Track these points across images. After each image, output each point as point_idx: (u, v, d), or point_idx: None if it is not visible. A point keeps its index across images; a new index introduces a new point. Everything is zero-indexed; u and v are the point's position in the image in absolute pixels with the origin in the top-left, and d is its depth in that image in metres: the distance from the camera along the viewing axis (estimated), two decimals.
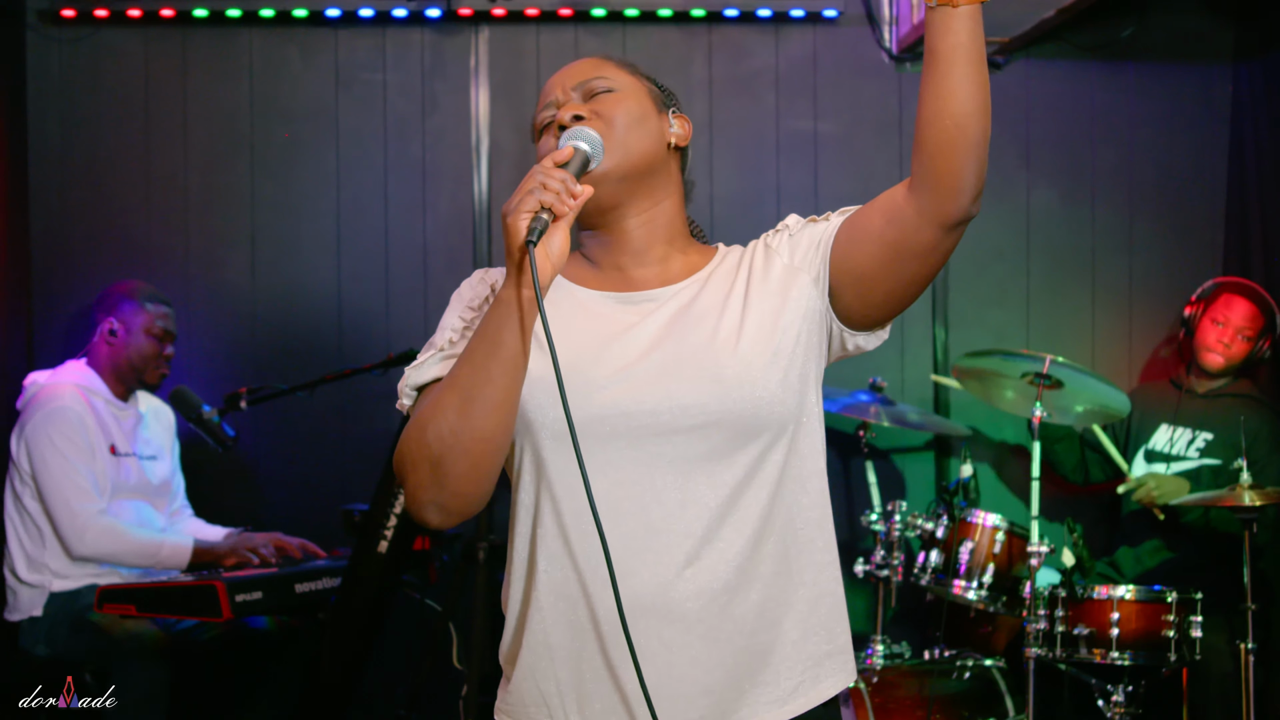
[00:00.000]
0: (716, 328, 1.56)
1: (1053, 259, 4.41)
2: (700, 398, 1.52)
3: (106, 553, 3.48)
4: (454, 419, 1.45)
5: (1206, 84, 4.43)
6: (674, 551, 1.51)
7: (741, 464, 1.53)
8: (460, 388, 1.46)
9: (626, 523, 1.51)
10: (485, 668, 3.35)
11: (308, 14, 4.23)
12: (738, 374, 1.52)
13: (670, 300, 1.61)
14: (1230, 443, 3.70)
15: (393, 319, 4.29)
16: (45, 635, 3.50)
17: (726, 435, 1.52)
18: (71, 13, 4.17)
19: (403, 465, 1.51)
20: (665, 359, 1.55)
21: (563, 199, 1.42)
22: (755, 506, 1.54)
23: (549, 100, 1.65)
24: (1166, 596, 3.36)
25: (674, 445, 1.52)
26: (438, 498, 1.49)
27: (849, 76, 4.35)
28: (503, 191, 4.31)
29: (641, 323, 1.59)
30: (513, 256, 1.43)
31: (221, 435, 3.77)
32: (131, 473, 3.67)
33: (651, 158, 1.63)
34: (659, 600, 1.51)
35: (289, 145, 4.30)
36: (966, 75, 1.47)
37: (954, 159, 1.47)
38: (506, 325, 1.44)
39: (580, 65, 1.67)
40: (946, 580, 3.61)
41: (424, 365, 1.58)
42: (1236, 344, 3.89)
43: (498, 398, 1.46)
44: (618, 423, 1.52)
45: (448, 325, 1.61)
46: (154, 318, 3.72)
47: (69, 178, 4.25)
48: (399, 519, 3.44)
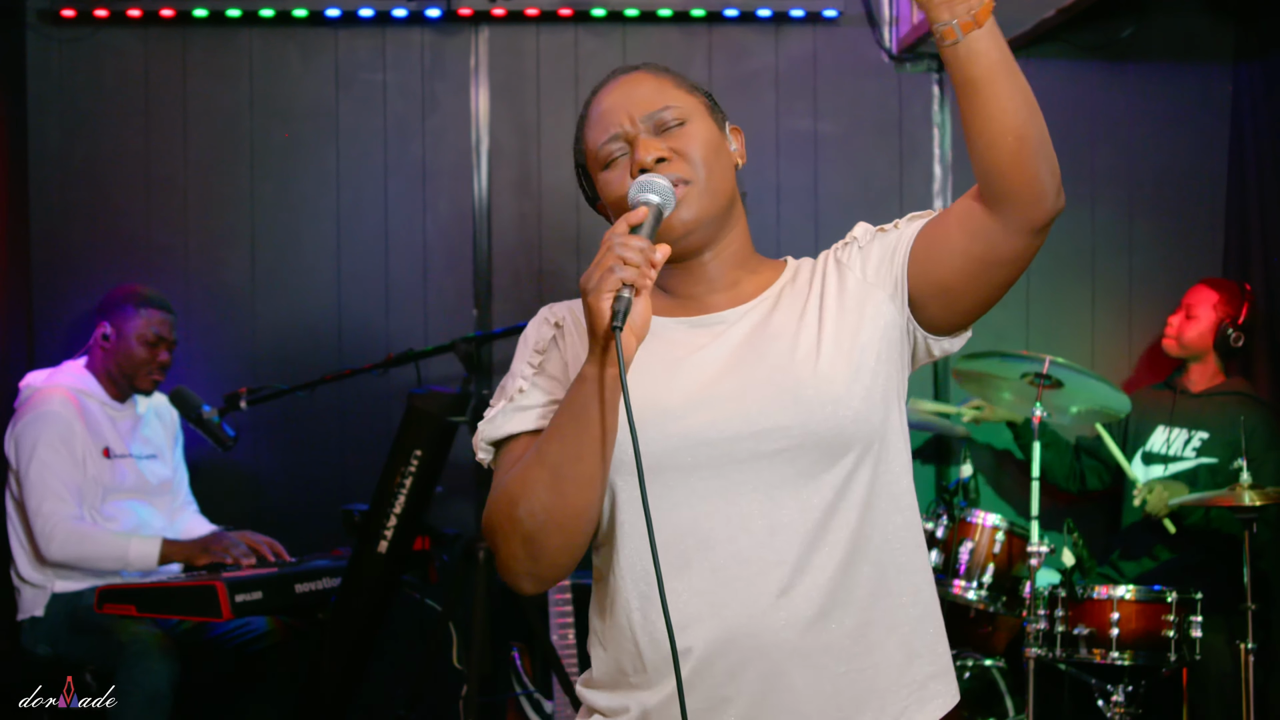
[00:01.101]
0: (794, 346, 1.53)
1: (1053, 259, 4.40)
2: (781, 420, 1.48)
3: (74, 556, 3.46)
4: (546, 497, 1.44)
5: (1206, 84, 4.42)
6: (766, 580, 1.48)
7: (829, 485, 1.50)
8: (549, 465, 1.44)
9: (716, 554, 1.48)
10: (485, 668, 3.35)
11: (308, 14, 4.23)
12: (819, 393, 1.49)
13: (741, 320, 1.57)
14: (1226, 441, 3.70)
15: (393, 319, 4.29)
16: (47, 635, 3.50)
17: (811, 457, 1.49)
18: (71, 13, 4.17)
19: (494, 537, 1.49)
20: (741, 381, 1.51)
21: (644, 273, 1.38)
22: (845, 529, 1.50)
23: (615, 131, 1.57)
24: (1166, 596, 3.36)
25: (758, 471, 1.49)
26: (533, 570, 1.48)
27: (849, 76, 4.35)
28: (503, 191, 4.31)
29: (713, 344, 1.55)
30: (596, 337, 1.39)
31: (221, 435, 3.76)
32: (128, 474, 3.67)
33: (730, 191, 1.58)
34: (753, 632, 1.47)
35: (289, 145, 4.30)
36: (1012, 87, 1.46)
37: (1027, 169, 1.46)
38: (592, 403, 1.42)
39: (642, 89, 1.58)
40: (946, 580, 3.61)
41: (496, 419, 1.56)
42: (1187, 326, 3.91)
43: (588, 473, 1.44)
44: (699, 452, 1.49)
45: (517, 373, 1.58)
46: (148, 324, 3.70)
47: (69, 178, 4.25)
48: (399, 519, 3.44)
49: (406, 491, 3.44)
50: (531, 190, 4.32)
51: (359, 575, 3.49)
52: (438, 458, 3.50)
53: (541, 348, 1.59)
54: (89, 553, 3.46)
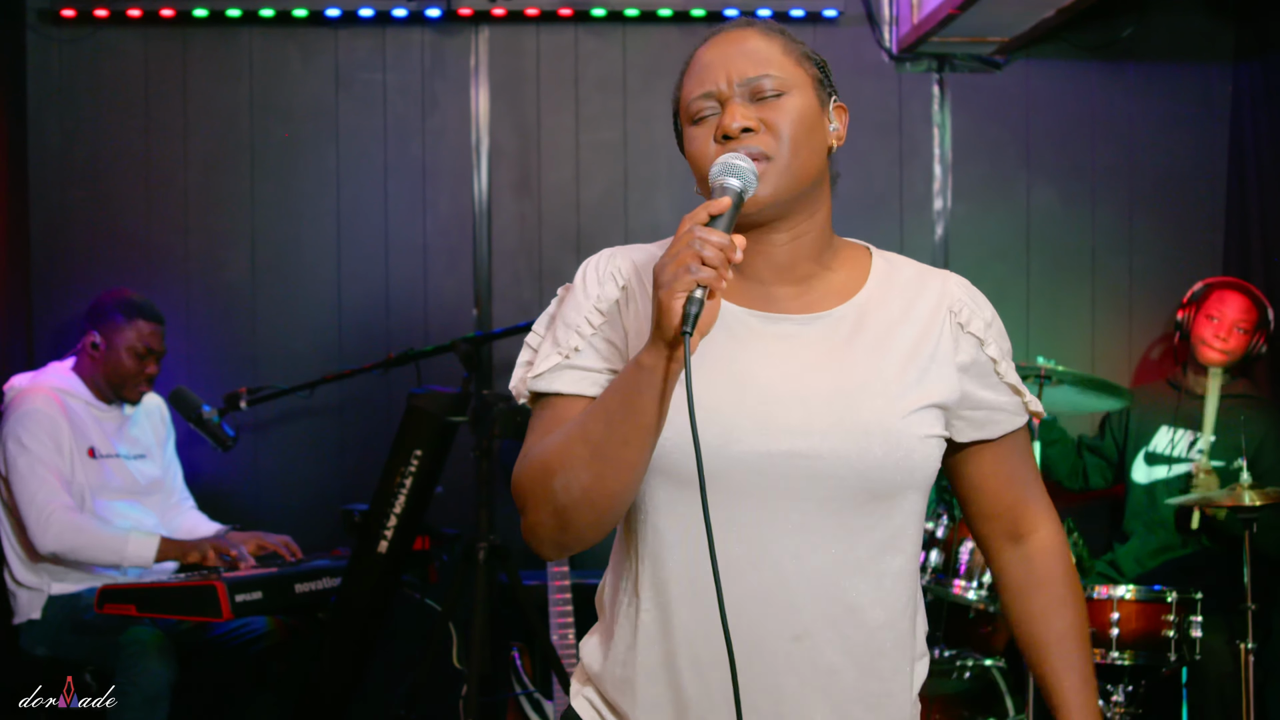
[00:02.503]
0: (870, 380, 1.46)
1: (1053, 259, 4.41)
2: (842, 462, 1.42)
3: (70, 546, 3.43)
4: (584, 477, 1.39)
5: (1206, 84, 4.42)
6: (780, 624, 1.43)
7: (869, 538, 1.46)
8: (592, 444, 1.39)
9: (737, 587, 1.42)
10: (485, 668, 3.35)
11: (308, 14, 4.23)
12: (886, 438, 1.44)
13: (817, 332, 1.49)
14: (1234, 442, 3.69)
15: (393, 319, 4.29)
16: (45, 637, 3.49)
17: (860, 501, 1.44)
18: (71, 13, 4.17)
19: (524, 500, 1.45)
20: (809, 409, 1.44)
21: (721, 274, 1.30)
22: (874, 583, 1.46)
23: (710, 89, 1.47)
24: (1166, 596, 3.36)
25: (803, 510, 1.43)
26: (560, 539, 1.44)
27: (849, 76, 4.35)
28: (503, 191, 4.31)
29: (784, 353, 1.47)
30: (663, 332, 1.32)
31: (221, 435, 3.76)
32: (115, 474, 3.66)
33: (815, 174, 1.49)
34: (756, 672, 1.43)
35: (289, 145, 4.30)
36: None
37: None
38: (647, 394, 1.35)
39: (749, 49, 1.48)
40: (946, 580, 3.61)
41: (547, 373, 1.49)
42: (1234, 338, 3.89)
43: (631, 460, 1.39)
44: (750, 480, 1.43)
45: (573, 325, 1.50)
46: (138, 336, 3.67)
47: (69, 178, 4.25)
48: (399, 519, 3.44)
49: (406, 491, 3.44)
50: (531, 190, 4.32)
51: (359, 575, 3.48)
52: (438, 458, 3.49)
53: (604, 308, 1.50)
54: (85, 544, 3.44)
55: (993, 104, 4.39)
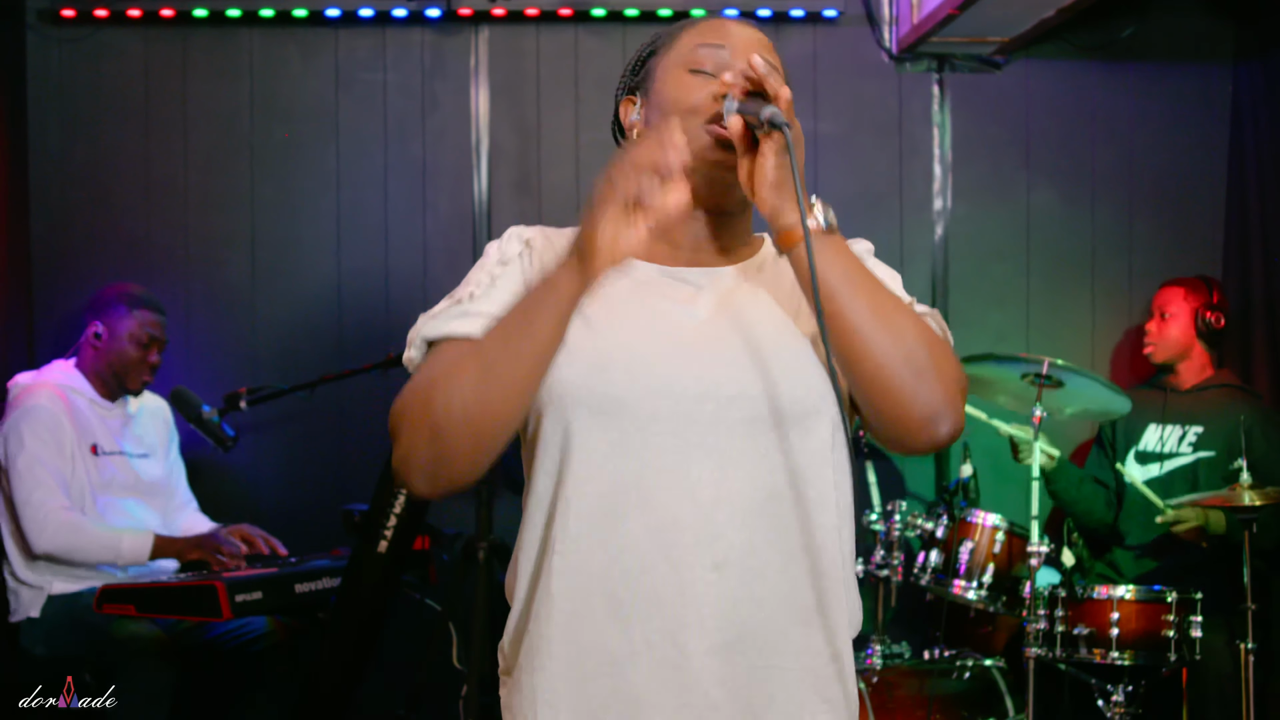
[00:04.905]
0: (768, 319, 1.49)
1: (1053, 259, 4.41)
2: (748, 389, 1.43)
3: (65, 547, 3.44)
4: (469, 392, 1.36)
5: (1206, 84, 4.43)
6: (700, 552, 1.41)
7: (781, 465, 1.44)
8: (485, 360, 1.37)
9: (655, 514, 1.41)
10: (485, 668, 3.35)
11: (308, 14, 4.23)
12: (787, 366, 1.45)
13: (721, 282, 1.52)
14: (1222, 433, 3.70)
15: (393, 319, 4.29)
16: (44, 636, 3.50)
17: (770, 430, 1.43)
18: (71, 13, 4.17)
19: (399, 424, 1.42)
20: (714, 343, 1.46)
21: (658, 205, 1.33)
22: (790, 514, 1.44)
23: (722, 43, 1.52)
24: (1166, 596, 3.36)
25: (716, 437, 1.42)
26: (431, 467, 1.40)
27: (849, 76, 4.35)
28: (503, 191, 4.31)
29: (691, 300, 1.50)
30: (584, 254, 1.34)
31: (221, 435, 3.76)
32: (119, 471, 3.66)
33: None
34: (676, 600, 1.41)
35: (289, 145, 4.30)
36: (861, 310, 1.39)
37: (889, 397, 1.40)
38: (549, 311, 1.36)
39: (761, 38, 1.56)
40: (946, 580, 3.61)
41: (439, 317, 1.49)
42: (1160, 327, 3.94)
43: (521, 378, 1.37)
44: (660, 404, 1.42)
45: (472, 280, 1.53)
46: (141, 325, 3.70)
47: (69, 178, 4.25)
48: (399, 519, 3.44)
49: (406, 491, 3.44)
50: (531, 190, 4.32)
51: (359, 575, 3.48)
52: None
53: (505, 260, 1.53)
54: (81, 544, 3.45)
55: (993, 104, 4.39)
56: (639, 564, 1.41)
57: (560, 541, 1.44)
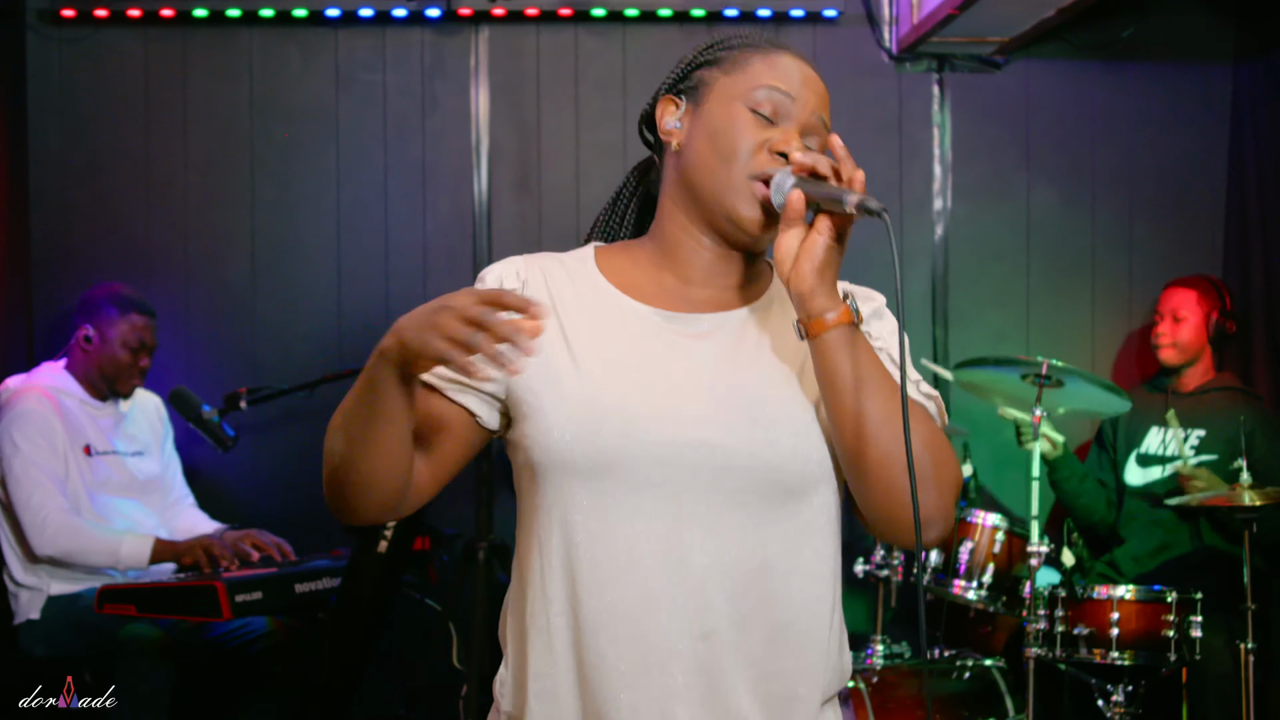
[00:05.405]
0: (772, 377, 1.43)
1: (1053, 259, 4.41)
2: (748, 457, 1.39)
3: (65, 549, 3.43)
4: (341, 446, 1.39)
5: (1206, 84, 4.43)
6: (689, 621, 1.38)
7: (775, 535, 1.40)
8: (345, 415, 1.39)
9: (648, 582, 1.38)
10: (485, 668, 3.35)
11: (308, 14, 4.23)
12: (789, 431, 1.40)
13: (723, 330, 1.46)
14: (1224, 437, 3.69)
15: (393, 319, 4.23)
16: (45, 637, 3.49)
17: (768, 498, 1.40)
18: (71, 13, 4.17)
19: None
20: (713, 403, 1.40)
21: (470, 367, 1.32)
22: (783, 588, 1.41)
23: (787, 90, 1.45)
24: (1166, 596, 3.36)
25: (710, 504, 1.38)
26: (335, 502, 1.44)
27: (849, 76, 4.35)
28: (503, 191, 4.31)
29: (693, 350, 1.44)
30: (398, 364, 1.35)
31: (221, 435, 3.76)
32: (114, 471, 3.66)
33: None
34: (663, 668, 1.38)
35: (289, 145, 4.30)
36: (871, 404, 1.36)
37: (889, 496, 1.38)
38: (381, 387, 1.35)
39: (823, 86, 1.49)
40: (946, 580, 3.61)
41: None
42: (1174, 329, 3.92)
43: (373, 441, 1.37)
44: (653, 472, 1.38)
45: None
46: (132, 329, 3.68)
47: (69, 178, 4.25)
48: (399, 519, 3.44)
49: None
50: (531, 190, 4.32)
51: (359, 575, 3.48)
52: None
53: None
54: (81, 546, 3.44)
55: (992, 104, 4.39)
56: (627, 630, 1.38)
57: (546, 602, 1.42)
